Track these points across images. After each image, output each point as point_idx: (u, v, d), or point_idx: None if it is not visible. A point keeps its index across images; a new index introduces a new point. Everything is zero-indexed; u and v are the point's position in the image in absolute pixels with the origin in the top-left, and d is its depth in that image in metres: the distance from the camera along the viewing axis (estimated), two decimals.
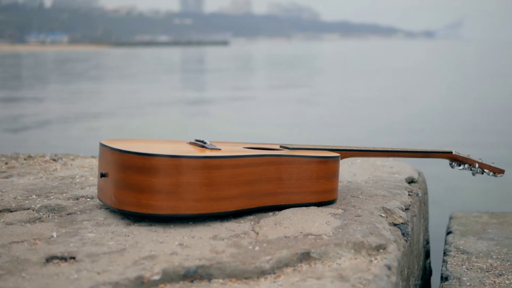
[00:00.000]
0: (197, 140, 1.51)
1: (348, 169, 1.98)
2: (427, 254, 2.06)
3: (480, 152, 1.92)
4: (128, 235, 1.25)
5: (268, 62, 38.31)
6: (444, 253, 1.82)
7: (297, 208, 1.44)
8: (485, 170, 1.77)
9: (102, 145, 1.41)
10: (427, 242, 2.09)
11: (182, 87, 18.57)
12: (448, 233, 2.01)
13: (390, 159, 2.16)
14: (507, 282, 1.54)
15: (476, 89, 15.67)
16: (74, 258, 1.14)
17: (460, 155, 1.78)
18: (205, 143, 1.48)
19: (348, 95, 13.98)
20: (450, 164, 1.81)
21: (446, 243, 1.91)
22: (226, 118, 10.28)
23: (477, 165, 1.77)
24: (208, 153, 1.36)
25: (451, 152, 1.78)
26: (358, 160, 2.14)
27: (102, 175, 1.39)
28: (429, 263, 2.11)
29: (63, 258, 1.14)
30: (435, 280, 1.97)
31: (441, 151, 1.78)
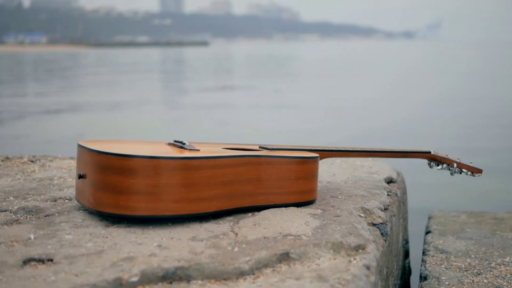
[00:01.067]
0: (176, 141, 1.51)
1: (328, 169, 1.98)
2: (406, 254, 2.07)
3: (460, 154, 1.93)
4: (106, 237, 1.25)
5: (247, 63, 38.32)
6: (423, 252, 1.83)
7: (276, 209, 1.44)
8: (463, 169, 1.78)
9: (80, 146, 1.41)
10: (406, 242, 2.10)
11: (162, 87, 18.52)
12: (427, 232, 2.02)
13: (369, 159, 2.16)
14: (485, 281, 1.55)
15: (456, 90, 15.77)
16: (51, 260, 1.13)
17: (438, 155, 1.79)
18: (184, 144, 1.47)
19: (328, 97, 14.01)
20: (429, 164, 1.82)
21: (425, 242, 1.92)
22: (206, 119, 10.27)
23: (455, 164, 1.78)
24: (187, 154, 1.36)
25: (430, 152, 1.79)
26: (338, 160, 2.14)
27: (80, 177, 1.38)
28: (409, 262, 2.12)
29: (40, 260, 1.13)
30: (414, 279, 1.98)
31: (419, 151, 1.79)
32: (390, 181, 1.88)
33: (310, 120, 9.68)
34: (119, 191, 1.28)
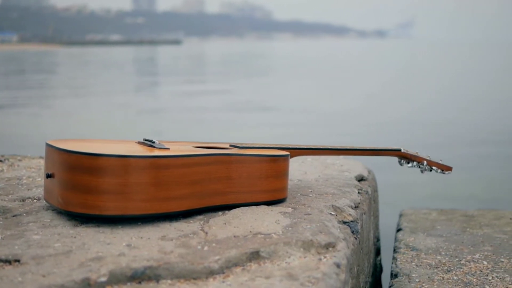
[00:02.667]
0: (145, 140, 1.49)
1: (299, 167, 1.98)
2: (377, 252, 2.08)
3: (433, 152, 1.94)
4: (74, 237, 1.23)
5: (220, 62, 38.26)
6: (394, 250, 1.84)
7: (247, 207, 1.43)
8: (433, 167, 1.79)
9: (48, 145, 1.39)
10: (378, 240, 2.10)
11: (134, 86, 18.42)
12: (398, 230, 2.02)
13: (341, 157, 2.17)
14: (455, 278, 1.56)
15: (427, 88, 15.88)
16: (18, 261, 1.11)
17: (408, 152, 1.80)
18: (153, 142, 1.46)
19: (302, 96, 14.03)
20: (399, 162, 1.83)
21: (396, 240, 1.93)
22: (178, 117, 10.23)
23: (425, 162, 1.79)
24: (156, 152, 1.35)
25: (400, 150, 1.80)
26: (309, 158, 2.14)
27: (48, 176, 1.36)
28: (380, 260, 2.13)
29: (7, 261, 1.11)
30: (386, 277, 1.99)
31: (390, 148, 1.80)
32: (361, 179, 1.89)
33: (284, 119, 9.70)
34: (88, 190, 1.27)
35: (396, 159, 1.84)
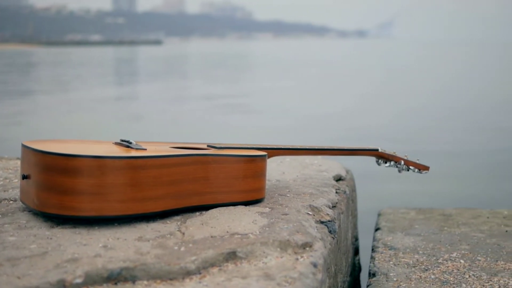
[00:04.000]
0: (122, 140, 1.49)
1: (277, 167, 1.98)
2: (356, 251, 2.08)
3: (411, 152, 1.95)
4: (50, 238, 1.23)
5: (201, 62, 38.20)
6: (372, 249, 1.84)
7: (224, 208, 1.43)
8: (410, 167, 1.80)
9: (24, 146, 1.38)
10: (356, 239, 2.11)
11: (114, 86, 18.34)
12: (376, 229, 2.03)
13: (319, 157, 2.17)
14: (432, 277, 1.56)
15: (408, 87, 15.96)
16: None
17: (386, 152, 1.81)
18: (130, 143, 1.45)
19: (281, 97, 14.04)
20: (377, 162, 1.84)
21: (374, 239, 1.93)
22: (157, 117, 10.21)
23: (402, 162, 1.80)
24: (133, 153, 1.34)
25: (377, 150, 1.80)
26: (287, 158, 2.15)
27: (24, 177, 1.35)
28: (358, 259, 2.14)
29: None
30: (365, 276, 1.99)
31: (367, 148, 1.81)
32: (339, 179, 1.89)
33: (264, 121, 9.70)
34: (64, 191, 1.26)
35: (373, 159, 1.85)
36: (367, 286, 1.59)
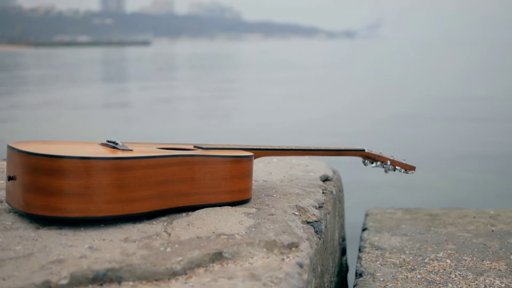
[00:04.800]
0: (108, 141, 1.49)
1: (264, 168, 1.99)
2: (343, 251, 2.09)
3: (399, 152, 1.96)
4: (36, 239, 1.22)
5: (190, 63, 38.15)
6: (359, 249, 1.85)
7: (210, 208, 1.43)
8: (396, 167, 1.81)
9: (9, 147, 1.37)
10: (343, 239, 2.11)
11: (99, 88, 18.29)
12: (364, 229, 2.04)
13: (306, 158, 2.18)
14: (418, 276, 1.57)
15: (397, 89, 16.00)
16: None
17: (372, 152, 1.82)
18: (116, 144, 1.45)
19: (269, 96, 14.04)
20: (363, 162, 1.85)
21: (361, 239, 1.94)
22: (145, 118, 10.19)
23: (389, 162, 1.80)
24: (119, 154, 1.34)
25: (364, 150, 1.81)
26: (275, 159, 2.15)
27: (10, 178, 1.35)
28: (346, 260, 2.14)
29: None
30: (352, 276, 2.00)
31: (354, 149, 1.81)
32: (326, 179, 1.90)
33: (251, 121, 9.70)
34: (50, 192, 1.26)
35: (360, 159, 1.86)
36: (354, 286, 1.60)
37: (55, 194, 1.25)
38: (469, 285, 1.50)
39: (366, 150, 1.81)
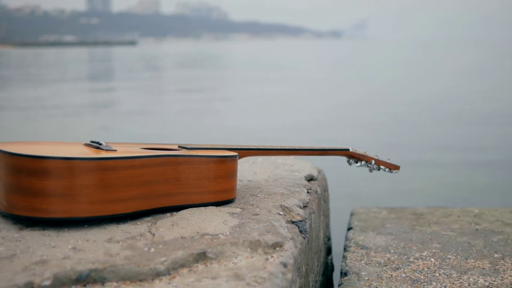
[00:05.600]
0: (92, 142, 1.48)
1: (249, 168, 1.99)
2: (328, 251, 2.09)
3: (385, 150, 1.97)
4: (19, 240, 1.22)
5: (176, 63, 38.10)
6: (344, 249, 1.85)
7: (195, 208, 1.43)
8: (381, 166, 1.82)
9: None
10: (329, 239, 2.12)
11: (84, 88, 18.21)
12: (349, 229, 2.04)
13: (291, 157, 2.18)
14: (403, 275, 1.58)
15: (380, 88, 16.03)
16: None
17: (357, 152, 1.82)
18: (100, 144, 1.45)
19: (256, 96, 14.04)
20: (348, 161, 1.85)
21: (346, 239, 1.94)
22: (130, 119, 10.16)
23: (373, 161, 1.81)
24: (103, 154, 1.34)
25: (348, 150, 1.81)
26: (260, 159, 2.15)
27: None
28: (331, 259, 2.15)
29: None
30: (338, 275, 2.00)
31: (338, 148, 1.81)
32: (310, 178, 1.90)
33: (237, 121, 9.69)
34: (33, 193, 1.25)
35: (345, 158, 1.86)
36: (339, 285, 1.60)
37: (38, 194, 1.25)
38: (453, 284, 1.51)
39: (351, 150, 1.82)
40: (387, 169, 1.82)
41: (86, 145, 1.49)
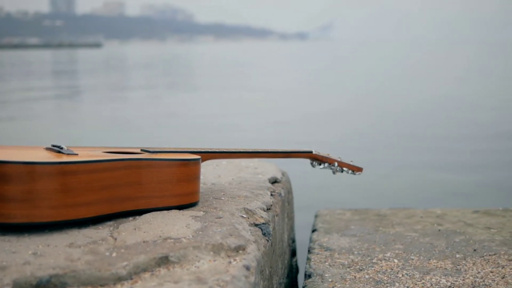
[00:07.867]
0: (53, 146, 1.47)
1: (213, 171, 1.98)
2: (293, 253, 2.10)
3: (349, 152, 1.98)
4: None
5: (141, 65, 37.90)
6: (309, 250, 1.85)
7: (157, 212, 1.42)
8: (344, 168, 1.82)
9: None
10: (293, 241, 2.12)
11: (47, 90, 18.03)
12: (313, 230, 2.05)
13: (256, 160, 2.18)
14: (366, 276, 1.58)
15: (352, 88, 16.13)
16: None
17: (320, 154, 1.83)
18: (61, 148, 1.43)
19: (222, 100, 14.03)
20: (311, 164, 1.85)
21: (310, 241, 1.95)
22: (95, 122, 10.09)
23: (336, 163, 1.82)
24: (64, 158, 1.32)
25: (311, 152, 1.82)
26: (224, 161, 2.15)
27: None
28: (296, 261, 2.15)
29: None
30: (302, 277, 2.01)
31: (301, 150, 1.82)
32: (274, 181, 1.90)
33: (202, 124, 9.67)
34: None
35: (308, 161, 1.87)
36: (303, 287, 1.61)
37: None
38: (416, 284, 1.52)
39: (314, 152, 1.82)
40: (350, 171, 1.83)
41: (47, 149, 1.47)
